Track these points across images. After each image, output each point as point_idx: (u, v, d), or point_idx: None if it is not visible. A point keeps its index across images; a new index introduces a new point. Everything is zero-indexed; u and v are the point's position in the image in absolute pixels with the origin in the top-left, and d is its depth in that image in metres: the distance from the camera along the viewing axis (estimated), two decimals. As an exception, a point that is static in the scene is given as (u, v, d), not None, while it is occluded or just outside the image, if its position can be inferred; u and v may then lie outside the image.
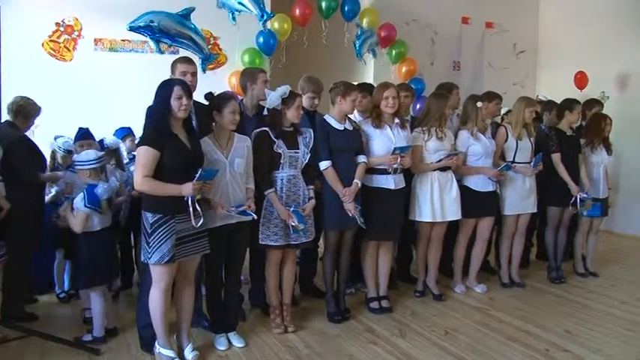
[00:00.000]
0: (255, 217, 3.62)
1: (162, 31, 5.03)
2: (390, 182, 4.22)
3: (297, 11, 6.55)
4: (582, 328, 4.21)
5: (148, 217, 3.18)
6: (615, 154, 5.72)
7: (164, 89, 3.20)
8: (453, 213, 4.59)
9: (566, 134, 5.26)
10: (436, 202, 4.49)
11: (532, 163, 4.93)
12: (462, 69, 7.91)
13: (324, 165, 3.99)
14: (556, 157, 5.13)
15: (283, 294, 4.04)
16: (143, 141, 3.19)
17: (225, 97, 3.60)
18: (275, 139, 3.77)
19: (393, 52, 7.15)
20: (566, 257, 5.61)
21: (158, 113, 3.18)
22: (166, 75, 3.73)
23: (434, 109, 4.52)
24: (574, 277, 5.50)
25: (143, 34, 5.12)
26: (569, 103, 5.33)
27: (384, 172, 4.20)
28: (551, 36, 8.76)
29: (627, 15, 7.47)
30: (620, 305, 4.75)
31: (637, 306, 4.73)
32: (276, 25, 6.44)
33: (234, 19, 5.88)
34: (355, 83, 4.53)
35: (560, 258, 5.44)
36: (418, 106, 5.88)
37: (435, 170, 4.49)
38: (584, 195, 5.12)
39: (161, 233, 3.15)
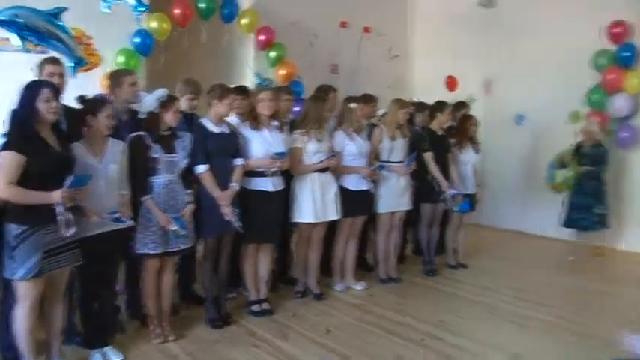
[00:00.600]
0: (132, 223, 3.55)
1: (30, 28, 4.73)
2: (269, 185, 4.27)
3: (177, 11, 6.38)
4: (453, 316, 4.52)
5: (13, 229, 3.00)
6: (483, 153, 6.16)
7: (30, 91, 3.05)
8: (333, 213, 4.72)
9: (437, 134, 5.59)
10: (317, 203, 4.59)
11: (405, 163, 5.17)
12: (341, 72, 8.13)
13: (200, 169, 3.95)
14: (428, 156, 5.43)
15: (162, 302, 3.95)
16: (7, 146, 3.00)
17: (100, 101, 3.51)
18: (151, 144, 3.70)
19: (272, 54, 7.20)
20: (439, 251, 5.97)
21: (23, 116, 3.03)
22: (32, 75, 3.54)
23: (312, 112, 4.63)
24: (446, 269, 5.87)
25: (7, 29, 4.79)
26: (440, 105, 5.69)
27: (263, 174, 4.24)
28: (422, 41, 9.25)
29: (491, 23, 8.03)
30: (484, 292, 5.15)
31: (499, 292, 5.17)
32: (154, 24, 6.24)
33: (108, 7, 5.58)
34: (232, 86, 4.53)
35: (433, 252, 5.79)
36: (297, 109, 5.96)
37: (315, 172, 4.60)
38: (454, 191, 5.47)
39: (27, 246, 2.98)
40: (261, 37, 7.11)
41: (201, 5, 6.57)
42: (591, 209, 6.22)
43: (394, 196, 5.17)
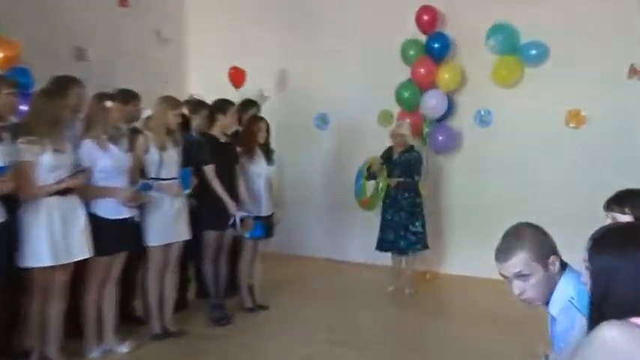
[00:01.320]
0: None
1: None
2: (-17, 216, 3.87)
3: None
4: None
5: None
6: (279, 163, 6.21)
7: None
8: (82, 250, 4.46)
9: (220, 141, 5.55)
10: (57, 238, 4.33)
11: (180, 180, 5.07)
12: (91, 59, 7.69)
13: None
14: (209, 170, 5.37)
15: None
16: None
17: None
18: None
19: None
20: (231, 291, 5.89)
21: None
22: None
23: (45, 112, 4.38)
24: (242, 313, 5.82)
25: None
26: (222, 105, 5.67)
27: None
28: (201, 26, 9.14)
29: (286, 4, 8.25)
30: (290, 339, 5.24)
31: (308, 337, 5.27)
32: None
33: None
34: None
35: (222, 293, 5.68)
36: (25, 108, 5.49)
37: (53, 195, 4.29)
38: (244, 214, 5.45)
39: None
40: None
41: None
42: (407, 227, 6.54)
43: (167, 224, 5.06)
